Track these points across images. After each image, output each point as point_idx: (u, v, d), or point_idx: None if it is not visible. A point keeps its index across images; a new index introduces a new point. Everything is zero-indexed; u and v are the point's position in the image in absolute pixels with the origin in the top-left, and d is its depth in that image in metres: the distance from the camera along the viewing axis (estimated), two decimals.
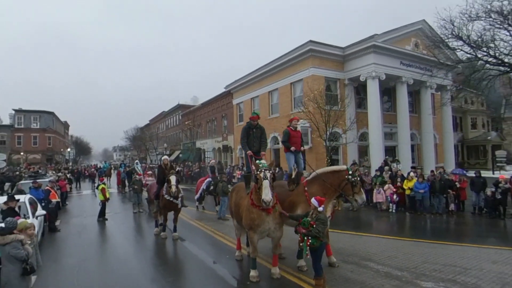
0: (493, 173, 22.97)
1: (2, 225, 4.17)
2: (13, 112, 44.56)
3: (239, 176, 19.11)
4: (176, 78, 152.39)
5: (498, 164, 25.41)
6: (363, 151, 20.14)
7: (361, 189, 5.75)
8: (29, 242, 4.23)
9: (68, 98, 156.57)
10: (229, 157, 27.88)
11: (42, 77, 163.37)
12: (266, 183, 5.03)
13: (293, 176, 6.62)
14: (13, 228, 4.05)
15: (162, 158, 9.33)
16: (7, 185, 17.50)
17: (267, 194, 4.96)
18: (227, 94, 28.08)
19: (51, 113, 47.68)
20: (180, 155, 36.36)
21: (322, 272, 4.76)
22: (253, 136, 6.23)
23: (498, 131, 32.46)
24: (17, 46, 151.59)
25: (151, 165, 32.72)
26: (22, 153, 41.15)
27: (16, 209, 6.12)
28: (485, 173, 14.45)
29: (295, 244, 5.55)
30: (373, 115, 18.01)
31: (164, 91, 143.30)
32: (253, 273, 5.41)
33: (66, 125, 60.59)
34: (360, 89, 19.94)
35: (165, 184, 7.97)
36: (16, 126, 43.87)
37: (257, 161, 5.41)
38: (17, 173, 21.30)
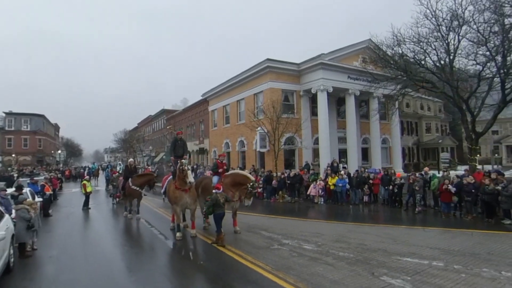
0: (438, 172, 26.27)
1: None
2: (4, 114, 46.59)
3: (209, 175, 22.09)
4: (168, 80, 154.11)
5: (443, 164, 28.71)
6: (318, 153, 23.16)
7: (251, 198, 8.68)
8: (33, 212, 7.07)
9: (59, 100, 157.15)
10: (205, 159, 30.74)
11: (32, 79, 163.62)
12: (189, 172, 8.23)
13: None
14: (23, 201, 6.89)
15: (129, 160, 12.31)
16: (1, 184, 20.06)
17: (191, 178, 8.16)
18: (204, 101, 30.95)
19: (42, 116, 49.78)
20: (164, 157, 39.08)
21: (219, 232, 7.67)
22: (178, 146, 9.19)
23: (450, 135, 35.94)
24: (6, 48, 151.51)
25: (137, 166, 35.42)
26: (13, 155, 43.28)
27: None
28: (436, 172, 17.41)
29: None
30: (322, 122, 21.04)
31: (155, 92, 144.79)
32: (178, 234, 8.38)
33: (56, 127, 62.64)
34: (316, 99, 22.97)
35: (130, 178, 10.92)
36: (6, 128, 45.89)
37: (182, 160, 8.41)
38: (11, 173, 23.94)
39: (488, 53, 14.63)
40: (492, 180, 10.71)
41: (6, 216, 6.24)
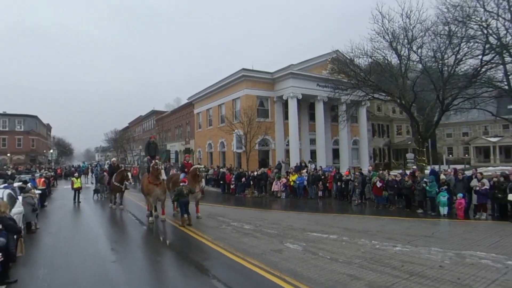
0: (405, 171, 28.91)
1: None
2: None
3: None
4: (162, 79, 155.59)
5: (409, 164, 31.31)
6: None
7: (203, 179, 11.03)
8: (36, 199, 9.32)
9: (51, 99, 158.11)
10: (190, 159, 32.98)
11: (25, 80, 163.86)
12: (162, 170, 10.50)
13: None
14: (29, 191, 9.14)
15: (112, 159, 14.58)
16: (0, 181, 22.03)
17: (164, 175, 10.48)
18: (190, 104, 33.17)
19: (35, 117, 51.50)
20: None
21: (183, 215, 9.95)
22: (151, 148, 11.49)
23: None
24: None
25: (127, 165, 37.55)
26: (8, 154, 45.00)
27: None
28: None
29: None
30: (292, 126, 23.43)
31: (149, 92, 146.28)
32: (150, 219, 10.70)
33: (48, 127, 64.29)
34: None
35: (114, 175, 13.19)
36: (1, 129, 47.65)
37: (156, 161, 10.70)
38: (8, 172, 25.93)
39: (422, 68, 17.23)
40: (410, 177, 13.22)
41: (18, 200, 8.50)
